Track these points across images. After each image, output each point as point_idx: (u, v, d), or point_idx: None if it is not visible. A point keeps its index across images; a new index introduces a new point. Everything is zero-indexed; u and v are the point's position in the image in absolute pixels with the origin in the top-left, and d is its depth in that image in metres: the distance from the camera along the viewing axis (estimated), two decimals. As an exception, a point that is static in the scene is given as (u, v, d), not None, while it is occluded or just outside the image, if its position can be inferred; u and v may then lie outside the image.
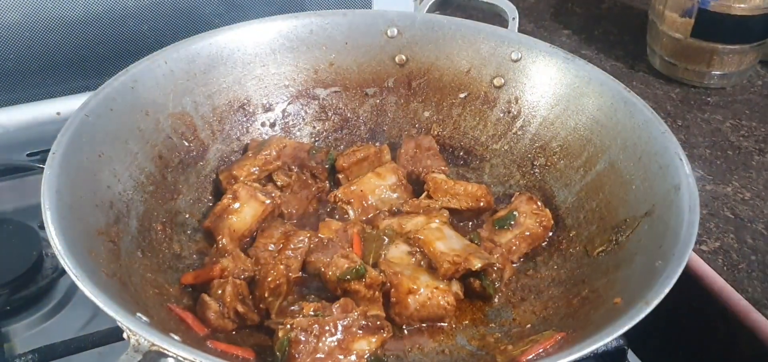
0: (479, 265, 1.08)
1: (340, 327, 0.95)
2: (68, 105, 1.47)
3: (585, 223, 1.18)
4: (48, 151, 1.00)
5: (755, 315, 1.16)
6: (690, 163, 1.09)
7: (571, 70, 1.29)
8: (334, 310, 0.98)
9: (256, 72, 1.34)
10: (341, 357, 0.93)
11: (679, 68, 1.75)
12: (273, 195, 1.20)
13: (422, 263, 1.11)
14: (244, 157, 1.28)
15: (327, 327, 0.94)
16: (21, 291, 1.15)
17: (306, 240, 1.13)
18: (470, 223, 1.25)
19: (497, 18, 1.44)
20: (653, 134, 1.15)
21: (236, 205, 1.16)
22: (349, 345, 0.94)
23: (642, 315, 0.86)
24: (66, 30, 1.61)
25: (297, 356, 0.92)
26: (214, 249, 1.12)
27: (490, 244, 1.17)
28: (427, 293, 1.05)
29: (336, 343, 0.94)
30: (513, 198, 1.25)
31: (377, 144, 1.37)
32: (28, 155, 1.44)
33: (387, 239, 1.15)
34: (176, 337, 0.85)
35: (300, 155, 1.29)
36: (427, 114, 1.40)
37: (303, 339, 0.92)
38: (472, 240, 1.17)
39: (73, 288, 1.13)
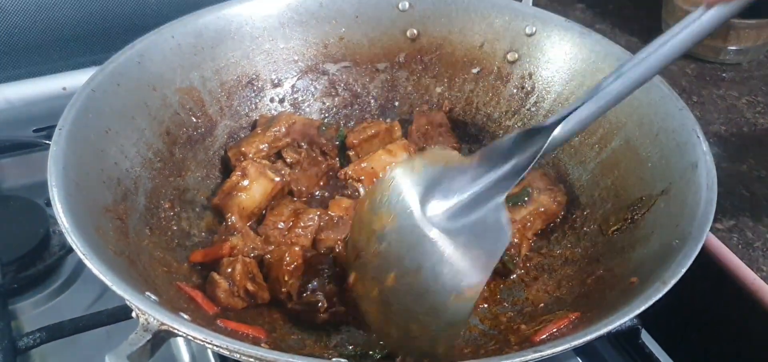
0: None
1: None
2: (75, 80, 1.46)
3: (600, 201, 1.16)
4: (54, 126, 0.99)
5: (771, 295, 1.14)
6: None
7: (586, 45, 1.27)
8: None
9: (265, 46, 1.33)
10: None
11: (694, 43, 1.73)
12: (282, 172, 1.18)
13: None
14: (253, 134, 1.27)
15: None
16: (28, 269, 1.14)
17: (316, 218, 1.11)
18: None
19: (511, -9, 1.41)
20: (670, 111, 1.12)
21: (245, 183, 1.15)
22: None
23: (659, 295, 0.84)
24: (72, 4, 1.60)
25: None
26: (223, 227, 1.10)
27: None
28: None
29: None
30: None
31: (388, 120, 1.35)
32: (34, 131, 1.43)
33: None
34: (186, 316, 0.84)
35: (309, 132, 1.27)
36: (439, 89, 1.38)
37: None
38: None
39: (81, 265, 1.12)
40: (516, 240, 1.11)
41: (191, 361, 1.05)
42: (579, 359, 1.09)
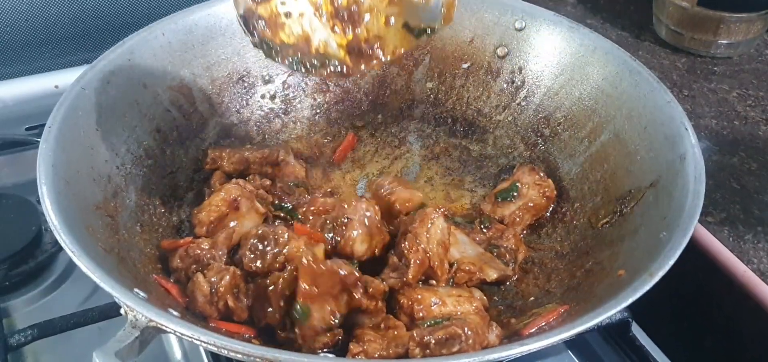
0: (495, 276, 1.06)
1: None
2: (67, 78, 1.45)
3: (589, 195, 1.17)
4: (47, 125, 0.99)
5: (761, 287, 1.15)
6: (696, 133, 1.07)
7: (575, 39, 1.27)
8: None
9: (256, 43, 1.33)
10: None
11: (685, 37, 1.72)
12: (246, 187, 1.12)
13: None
14: (243, 147, 1.25)
15: None
16: (20, 266, 1.14)
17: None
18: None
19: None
20: (659, 103, 1.13)
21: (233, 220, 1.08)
22: None
23: (646, 288, 0.85)
24: (64, 2, 1.60)
25: None
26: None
27: (497, 223, 1.16)
28: (452, 303, 0.98)
29: None
30: (514, 170, 1.23)
31: None
32: (26, 129, 1.43)
33: None
34: (175, 312, 0.84)
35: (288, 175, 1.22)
36: (430, 85, 1.39)
37: None
38: (483, 226, 1.13)
39: (73, 263, 1.12)
40: (512, 245, 1.11)
41: (183, 358, 1.05)
42: (570, 352, 1.09)
